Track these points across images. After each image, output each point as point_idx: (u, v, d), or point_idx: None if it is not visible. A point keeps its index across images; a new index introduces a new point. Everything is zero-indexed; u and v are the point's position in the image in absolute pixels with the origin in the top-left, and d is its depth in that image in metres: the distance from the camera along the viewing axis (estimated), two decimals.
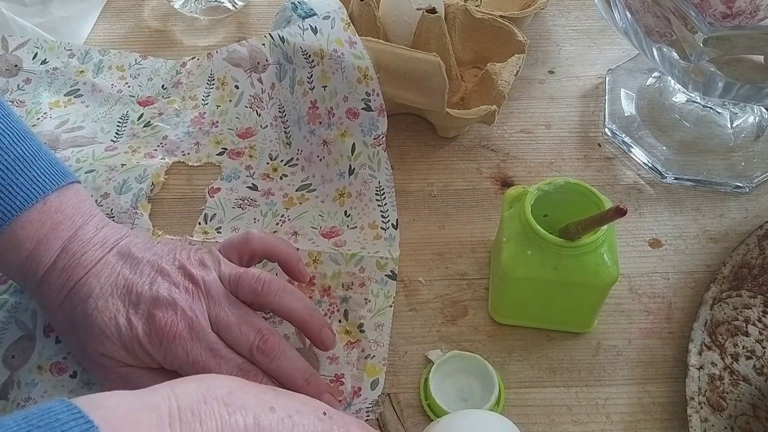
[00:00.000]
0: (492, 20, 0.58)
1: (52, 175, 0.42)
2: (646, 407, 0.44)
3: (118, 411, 0.28)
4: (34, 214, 0.41)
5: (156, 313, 0.39)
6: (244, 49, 0.60)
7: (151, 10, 0.69)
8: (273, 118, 0.57)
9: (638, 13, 0.49)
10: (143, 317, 0.39)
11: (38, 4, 0.67)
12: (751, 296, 0.47)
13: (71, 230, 0.41)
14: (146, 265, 0.41)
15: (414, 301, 0.48)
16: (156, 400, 0.29)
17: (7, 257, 0.41)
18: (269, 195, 0.54)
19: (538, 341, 0.46)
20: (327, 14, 0.53)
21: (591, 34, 0.67)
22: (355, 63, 0.51)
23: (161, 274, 0.40)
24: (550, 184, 0.43)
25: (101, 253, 0.41)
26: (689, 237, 0.52)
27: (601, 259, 0.42)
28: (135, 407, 0.28)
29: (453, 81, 0.56)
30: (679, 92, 0.59)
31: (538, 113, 0.60)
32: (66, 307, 0.40)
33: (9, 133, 0.41)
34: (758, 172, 0.55)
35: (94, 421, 0.26)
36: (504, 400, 0.43)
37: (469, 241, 0.51)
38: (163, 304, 0.39)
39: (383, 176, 0.53)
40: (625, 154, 0.57)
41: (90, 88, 0.60)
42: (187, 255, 0.42)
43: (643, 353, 0.46)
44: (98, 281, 0.40)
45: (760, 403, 0.42)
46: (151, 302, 0.39)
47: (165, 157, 0.56)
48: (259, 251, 0.45)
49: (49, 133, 0.56)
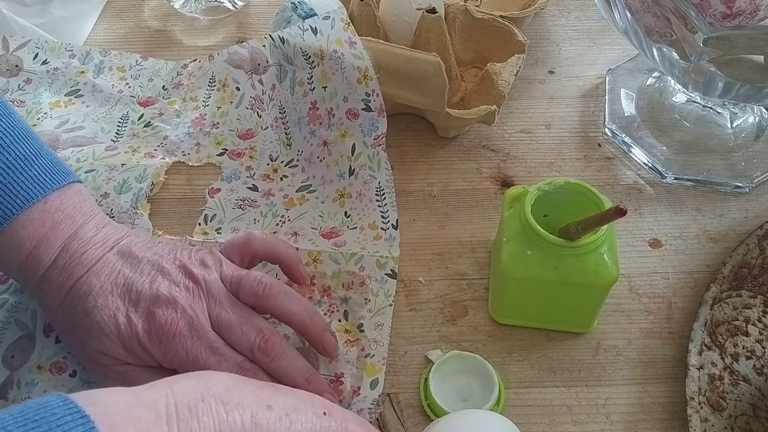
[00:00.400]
0: (492, 20, 0.58)
1: (54, 174, 0.42)
2: (646, 407, 0.44)
3: (116, 407, 0.28)
4: (34, 213, 0.41)
5: (156, 311, 0.39)
6: (245, 50, 0.60)
7: (151, 10, 0.69)
8: (273, 119, 0.57)
9: (638, 13, 0.49)
10: (143, 315, 0.39)
11: (38, 4, 0.68)
12: (751, 296, 0.47)
13: (72, 229, 0.41)
14: (147, 264, 0.41)
15: (414, 301, 0.48)
16: (154, 396, 0.29)
17: (8, 256, 0.41)
18: (269, 196, 0.54)
19: (538, 341, 0.46)
20: (327, 14, 0.53)
21: (591, 34, 0.67)
22: (355, 63, 0.51)
23: (162, 273, 0.41)
24: (550, 184, 0.43)
25: (102, 252, 0.41)
26: (689, 237, 0.52)
27: (601, 259, 0.42)
28: (132, 404, 0.28)
29: (453, 81, 0.56)
30: (679, 92, 0.59)
31: (538, 113, 0.60)
32: (66, 305, 0.40)
33: (10, 132, 0.41)
34: (758, 172, 0.55)
35: (91, 417, 0.26)
36: (504, 400, 0.43)
37: (469, 241, 0.51)
38: (164, 302, 0.39)
39: (383, 177, 0.53)
40: (625, 154, 0.57)
41: (90, 89, 0.61)
42: (188, 255, 0.42)
43: (643, 353, 0.46)
44: (98, 279, 0.40)
45: (760, 403, 0.42)
46: (151, 300, 0.39)
47: (165, 157, 0.56)
48: (261, 252, 0.45)
49: (49, 132, 0.57)
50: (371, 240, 0.51)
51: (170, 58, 0.64)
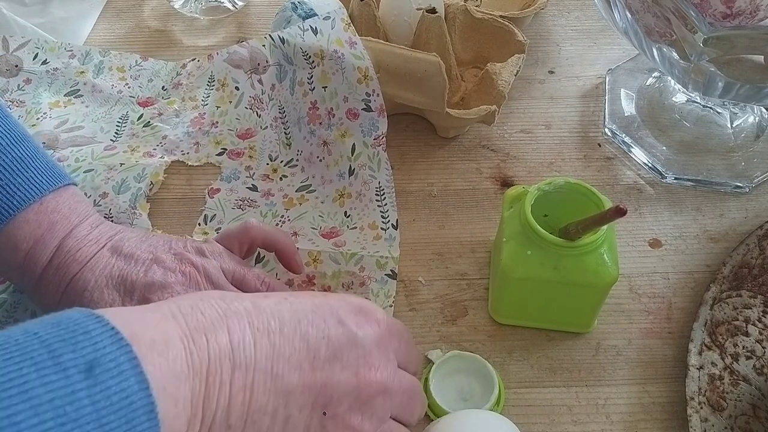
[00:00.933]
0: (492, 20, 0.58)
1: (50, 176, 0.42)
2: (646, 407, 0.44)
3: (121, 311, 0.29)
4: (31, 214, 0.41)
5: (151, 297, 0.39)
6: (245, 50, 0.60)
7: (151, 10, 0.69)
8: (273, 119, 0.57)
9: (638, 13, 0.49)
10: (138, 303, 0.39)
11: (38, 4, 0.68)
12: (751, 296, 0.47)
13: (67, 229, 0.41)
14: (141, 256, 0.41)
15: (414, 301, 0.48)
16: (155, 307, 0.31)
17: (5, 257, 0.41)
18: (269, 196, 0.54)
19: (538, 341, 0.46)
20: (327, 14, 0.53)
21: (591, 34, 0.67)
22: (355, 63, 0.51)
23: (156, 262, 0.41)
24: (550, 184, 0.43)
25: (95, 248, 0.41)
26: (689, 237, 0.52)
27: (601, 259, 0.42)
28: (137, 310, 0.30)
29: (453, 81, 0.56)
30: (679, 92, 0.59)
31: (538, 113, 0.60)
32: (64, 303, 0.40)
33: (7, 135, 0.42)
34: (758, 172, 0.55)
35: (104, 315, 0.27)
36: (504, 400, 0.43)
37: (469, 241, 0.51)
38: (158, 287, 0.40)
39: (383, 177, 0.53)
40: (625, 154, 0.57)
41: (90, 89, 0.61)
42: (183, 244, 0.42)
43: (643, 353, 0.46)
44: (93, 274, 0.40)
45: (760, 403, 0.42)
46: (146, 288, 0.40)
47: (164, 156, 0.56)
48: (258, 240, 0.45)
49: (48, 132, 0.57)
50: (371, 240, 0.51)
51: (170, 58, 0.64)
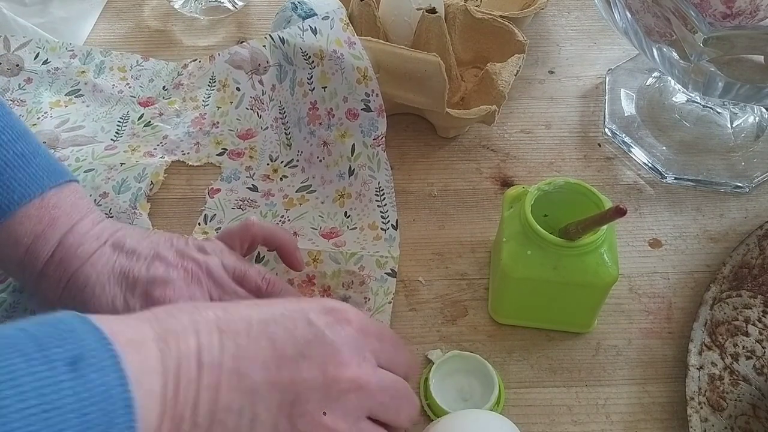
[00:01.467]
0: (492, 20, 0.58)
1: (51, 172, 0.42)
2: (646, 407, 0.44)
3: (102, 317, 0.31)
4: (32, 209, 0.41)
5: (153, 292, 0.39)
6: (246, 51, 0.60)
7: (151, 10, 0.69)
8: (273, 119, 0.57)
9: (638, 13, 0.49)
10: (140, 298, 0.40)
11: (38, 4, 0.68)
12: (751, 296, 0.47)
13: (68, 225, 0.41)
14: (143, 252, 0.41)
15: (414, 301, 0.48)
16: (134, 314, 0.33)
17: (7, 252, 0.41)
18: (269, 196, 0.54)
19: (538, 341, 0.46)
20: (326, 14, 0.53)
21: (591, 34, 0.67)
22: (354, 63, 0.51)
23: (158, 258, 0.41)
24: (550, 184, 0.43)
25: (97, 244, 0.41)
26: (689, 237, 0.52)
27: (601, 259, 0.42)
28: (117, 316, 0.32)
29: (453, 81, 0.56)
30: (679, 92, 0.59)
31: (538, 113, 0.60)
32: (65, 298, 0.40)
33: (9, 131, 0.42)
34: (758, 172, 0.55)
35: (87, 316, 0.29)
36: (504, 400, 0.43)
37: (469, 241, 0.51)
38: (160, 283, 0.40)
39: (383, 177, 0.53)
40: (625, 154, 0.57)
41: (91, 89, 0.61)
42: (184, 242, 0.43)
43: (643, 353, 0.46)
44: (94, 270, 0.40)
45: (760, 403, 0.42)
46: (148, 283, 0.40)
47: (164, 156, 0.56)
48: (259, 237, 0.45)
49: (49, 132, 0.57)
50: (371, 240, 0.51)
51: (170, 58, 0.64)
